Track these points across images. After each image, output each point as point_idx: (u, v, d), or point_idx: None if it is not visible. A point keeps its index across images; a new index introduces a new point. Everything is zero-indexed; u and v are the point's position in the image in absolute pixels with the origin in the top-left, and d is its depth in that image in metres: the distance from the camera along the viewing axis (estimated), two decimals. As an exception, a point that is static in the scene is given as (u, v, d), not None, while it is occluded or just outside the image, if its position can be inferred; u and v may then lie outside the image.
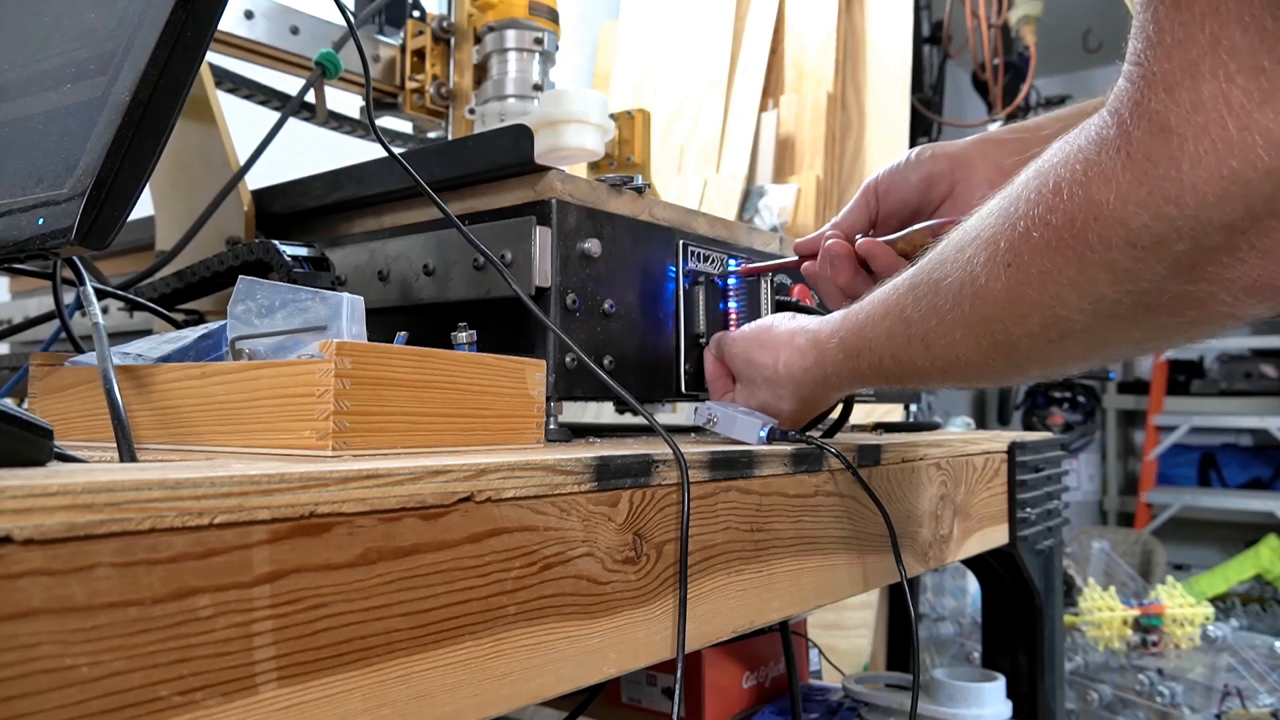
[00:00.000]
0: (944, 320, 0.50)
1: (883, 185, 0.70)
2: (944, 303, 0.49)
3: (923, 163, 0.69)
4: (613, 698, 0.98)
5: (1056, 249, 0.41)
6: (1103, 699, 1.65)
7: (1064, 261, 0.41)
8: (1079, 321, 0.43)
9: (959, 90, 3.36)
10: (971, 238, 0.47)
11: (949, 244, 0.50)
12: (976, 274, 0.46)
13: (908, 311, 0.53)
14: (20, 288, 1.21)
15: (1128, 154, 0.37)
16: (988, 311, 0.46)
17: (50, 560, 0.26)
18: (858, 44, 2.22)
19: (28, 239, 0.43)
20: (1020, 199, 0.43)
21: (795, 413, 0.66)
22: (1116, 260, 0.39)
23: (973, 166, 0.68)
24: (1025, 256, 0.43)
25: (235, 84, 1.04)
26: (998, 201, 0.46)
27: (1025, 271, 0.43)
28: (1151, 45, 0.36)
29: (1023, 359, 0.48)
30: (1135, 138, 0.36)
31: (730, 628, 0.54)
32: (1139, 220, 0.37)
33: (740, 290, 0.76)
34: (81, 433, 0.54)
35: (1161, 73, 0.35)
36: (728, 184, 2.07)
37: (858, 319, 0.58)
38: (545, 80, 1.13)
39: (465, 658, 0.38)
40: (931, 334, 0.51)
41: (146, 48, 0.44)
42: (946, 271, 0.49)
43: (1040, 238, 0.41)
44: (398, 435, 0.46)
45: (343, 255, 0.77)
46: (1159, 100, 0.35)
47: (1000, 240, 0.44)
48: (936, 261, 0.50)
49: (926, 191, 0.68)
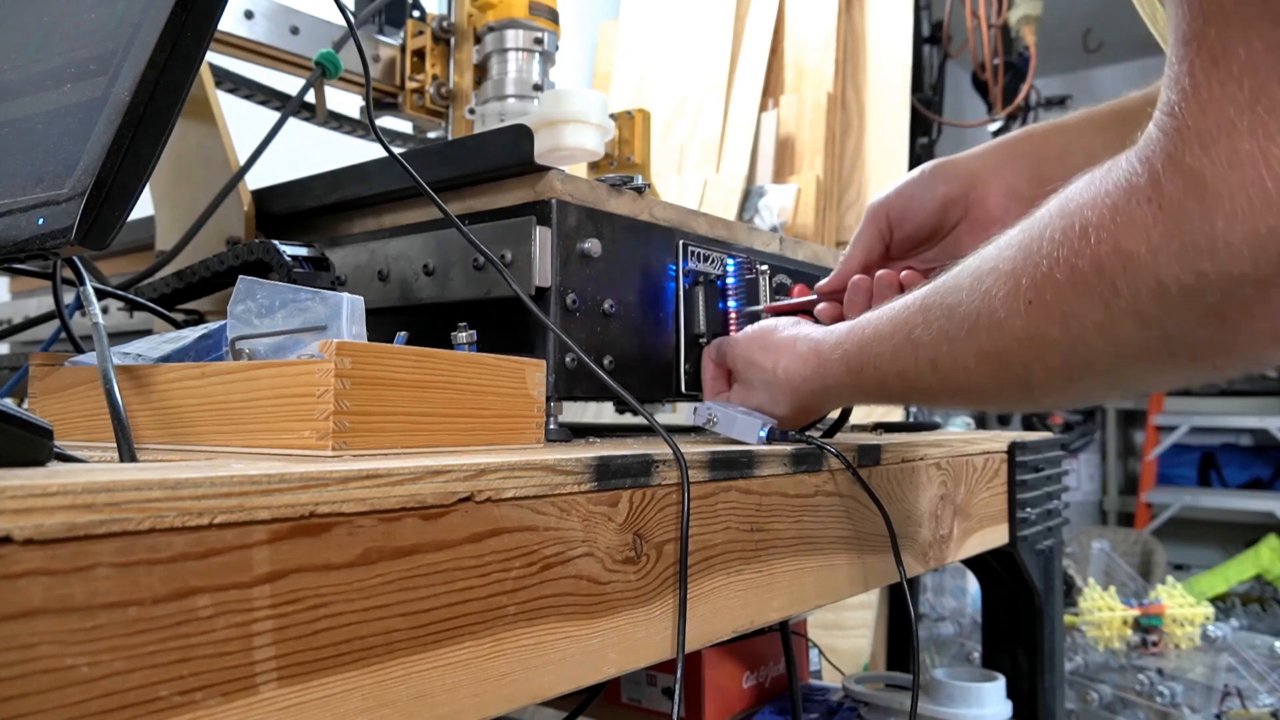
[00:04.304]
0: (956, 346, 0.49)
1: (894, 211, 0.69)
2: (957, 329, 0.49)
3: (935, 184, 0.68)
4: (613, 698, 0.98)
5: (1082, 293, 0.41)
6: (1103, 699, 1.65)
7: (1089, 306, 0.41)
8: (1101, 362, 0.43)
9: (959, 90, 3.36)
10: (990, 267, 0.46)
11: (965, 269, 0.49)
12: (995, 307, 0.45)
13: (917, 332, 0.52)
14: (20, 288, 1.21)
15: (1160, 206, 0.36)
16: (1005, 346, 0.46)
17: (50, 560, 0.26)
18: (858, 44, 2.22)
19: (28, 239, 0.43)
20: (1044, 237, 0.42)
21: (790, 418, 0.65)
22: (1145, 308, 0.39)
23: (987, 187, 0.67)
24: (1048, 296, 0.42)
25: (235, 84, 1.04)
26: (1018, 234, 0.45)
27: (1048, 311, 0.43)
28: (1187, 98, 0.35)
29: (1039, 391, 0.48)
30: (1168, 191, 0.36)
31: (730, 628, 0.54)
32: (1170, 272, 0.37)
33: (740, 290, 0.76)
34: (81, 433, 0.54)
35: (1197, 128, 0.35)
36: (728, 184, 2.07)
37: (864, 333, 0.57)
38: (545, 80, 1.13)
39: (465, 658, 0.38)
40: (942, 358, 0.50)
41: (146, 48, 0.44)
42: (962, 298, 0.48)
43: (1065, 280, 0.41)
44: (398, 435, 0.46)
45: (343, 255, 0.77)
46: (1194, 155, 0.35)
47: (1022, 277, 0.44)
48: (951, 286, 0.50)
49: (943, 215, 0.68)
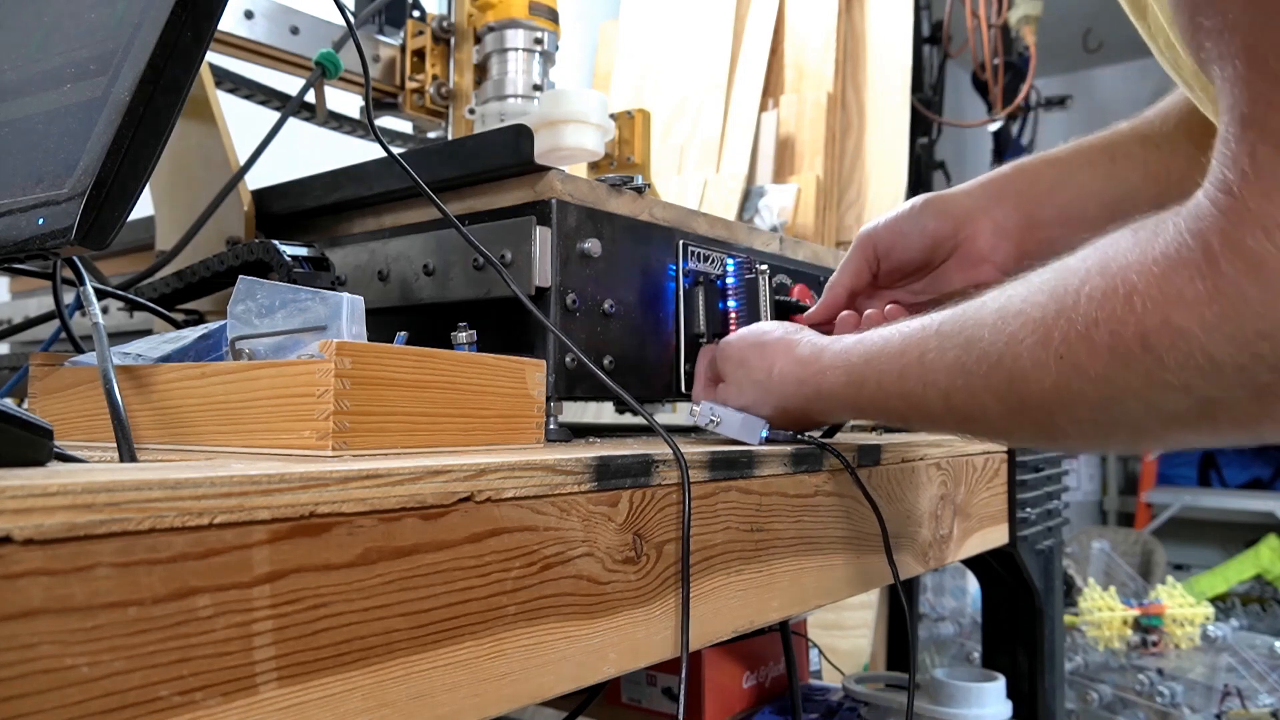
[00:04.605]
0: (973, 382, 0.47)
1: (882, 244, 0.69)
2: (976, 365, 0.47)
3: (925, 220, 0.68)
4: (613, 698, 0.98)
5: (1123, 360, 0.39)
6: (1103, 699, 1.65)
7: (1130, 373, 0.39)
8: (1135, 422, 0.42)
9: (959, 90, 3.36)
10: (1016, 310, 0.45)
11: (987, 304, 0.47)
12: (1020, 355, 0.44)
13: (930, 357, 0.50)
14: (20, 288, 1.21)
15: (1216, 286, 0.36)
16: (1029, 394, 0.44)
17: (50, 560, 0.26)
18: (858, 44, 2.22)
19: (28, 239, 0.43)
20: (1081, 293, 0.41)
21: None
22: (1192, 382, 0.38)
23: (976, 225, 0.67)
24: (1083, 356, 0.41)
25: (235, 84, 1.04)
26: (1050, 280, 0.43)
27: (1081, 371, 0.41)
28: (1248, 181, 0.35)
29: (1061, 438, 0.47)
30: (1226, 273, 0.35)
31: (730, 628, 0.54)
32: (1223, 351, 0.36)
33: (740, 290, 0.76)
34: (81, 433, 0.54)
35: (1260, 212, 0.35)
36: (728, 184, 2.07)
37: (870, 348, 0.56)
38: (545, 80, 1.13)
39: (465, 658, 0.38)
40: (956, 391, 0.49)
41: (146, 48, 0.44)
42: (984, 335, 0.46)
43: (1105, 345, 0.40)
44: (398, 435, 0.46)
45: (343, 255, 0.77)
46: (1256, 240, 0.35)
47: (1054, 331, 0.42)
48: (972, 318, 0.48)
49: (931, 251, 0.68)
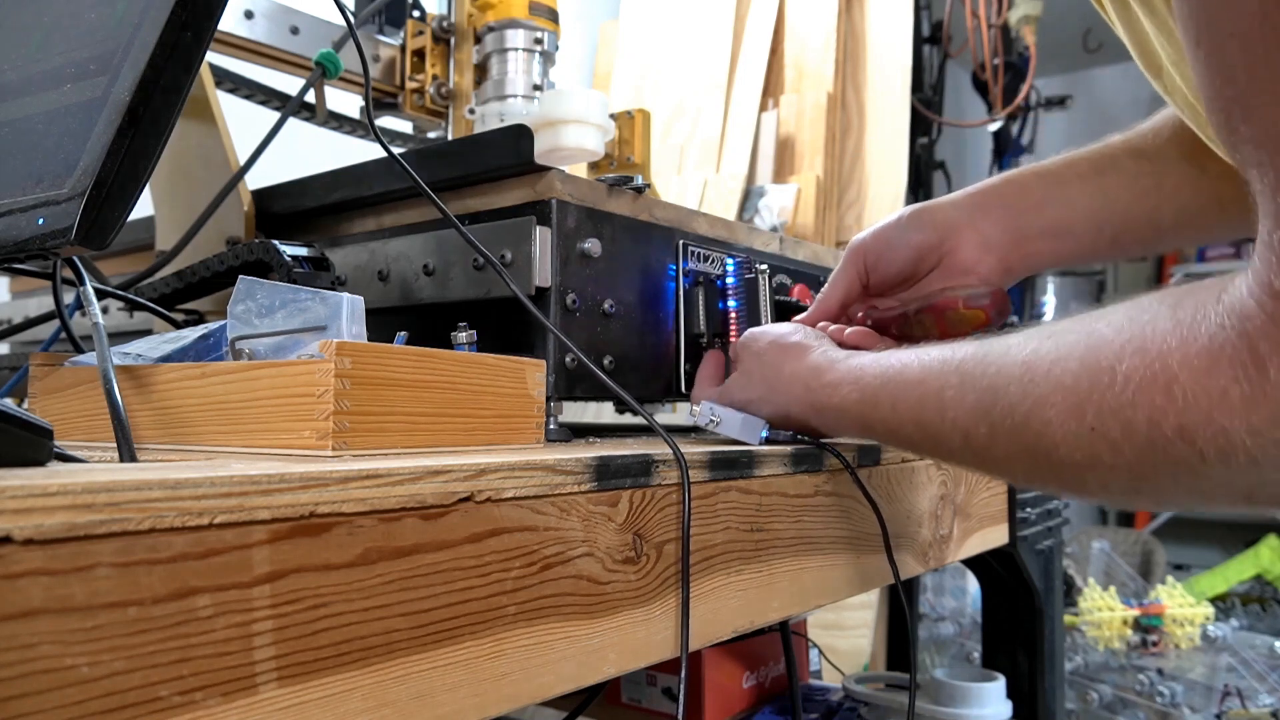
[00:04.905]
0: (997, 431, 0.46)
1: (871, 255, 0.70)
2: (1001, 417, 0.46)
3: (910, 231, 0.70)
4: (613, 698, 0.98)
5: (1162, 449, 0.38)
6: (1103, 699, 1.65)
7: (1168, 460, 0.38)
8: (1169, 495, 0.42)
9: (959, 90, 3.36)
10: (1045, 370, 0.43)
11: (1012, 353, 0.46)
12: (1050, 421, 0.42)
13: (949, 394, 0.49)
14: (20, 288, 1.21)
15: (1263, 391, 0.35)
16: (1058, 460, 0.43)
17: (50, 560, 0.26)
18: (858, 44, 2.22)
19: (28, 239, 0.43)
20: (1117, 371, 0.40)
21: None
22: (1234, 477, 0.37)
23: (961, 237, 0.69)
24: (1118, 436, 0.40)
25: (235, 84, 1.04)
26: (1081, 343, 0.42)
27: (1115, 449, 0.40)
28: None
29: (1088, 496, 0.46)
30: (1274, 379, 0.35)
31: (730, 628, 0.54)
32: (1269, 455, 0.36)
33: (740, 290, 0.76)
34: (81, 433, 0.54)
35: None
36: (728, 184, 2.07)
37: (886, 369, 0.55)
38: (545, 80, 1.13)
39: (465, 658, 0.38)
40: (977, 435, 0.48)
41: (146, 48, 0.44)
42: (1009, 388, 0.45)
43: (1142, 430, 0.39)
44: (398, 435, 0.46)
45: (343, 255, 0.77)
46: None
47: (1088, 405, 0.41)
48: (996, 364, 0.47)
49: (917, 263, 0.70)
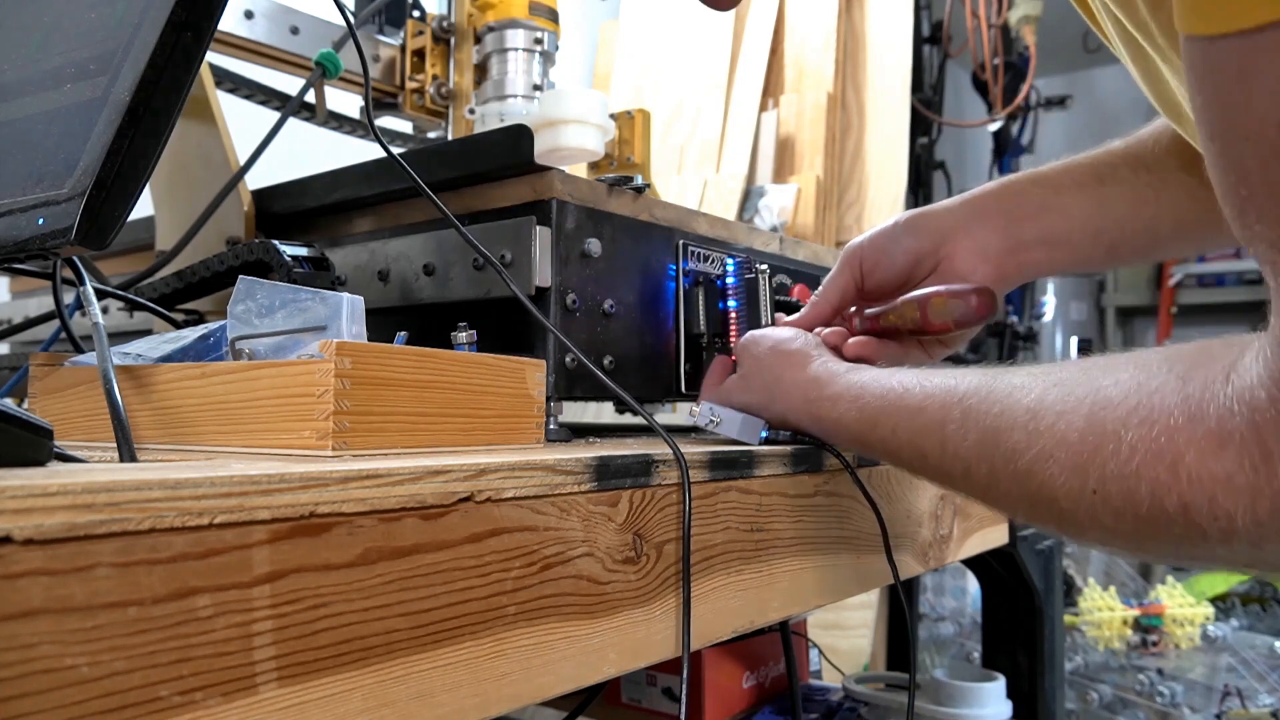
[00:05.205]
0: (999, 474, 0.46)
1: (868, 260, 0.70)
2: (1003, 463, 0.45)
3: (905, 238, 0.69)
4: (613, 698, 0.98)
5: (1164, 522, 0.39)
6: (1103, 699, 1.65)
7: (1169, 531, 0.39)
8: (1171, 555, 0.41)
9: (959, 90, 3.36)
10: (1049, 423, 0.43)
11: (1016, 397, 0.46)
12: (1054, 475, 0.42)
13: (951, 429, 0.49)
14: (20, 288, 1.21)
15: (1269, 484, 0.35)
16: (1062, 512, 0.43)
17: (50, 560, 0.26)
18: (858, 44, 2.22)
19: (28, 239, 0.43)
20: (1122, 439, 0.39)
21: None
22: (1234, 553, 0.38)
23: (956, 244, 0.68)
24: (1121, 502, 0.40)
25: (235, 84, 1.04)
26: (1088, 398, 0.42)
27: (1117, 513, 0.40)
28: None
29: (1081, 543, 0.46)
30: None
31: (730, 628, 0.54)
32: (1270, 542, 0.36)
33: (740, 290, 0.76)
34: (81, 433, 0.54)
35: None
36: (728, 184, 2.07)
37: (886, 391, 0.54)
38: (545, 80, 1.13)
39: (465, 658, 0.38)
40: (978, 473, 0.47)
41: (146, 48, 0.44)
42: (1011, 430, 0.45)
43: (1145, 500, 0.39)
44: (398, 435, 0.46)
45: (343, 255, 0.77)
46: None
47: (1091, 467, 0.41)
48: (1000, 403, 0.46)
49: (912, 269, 0.69)
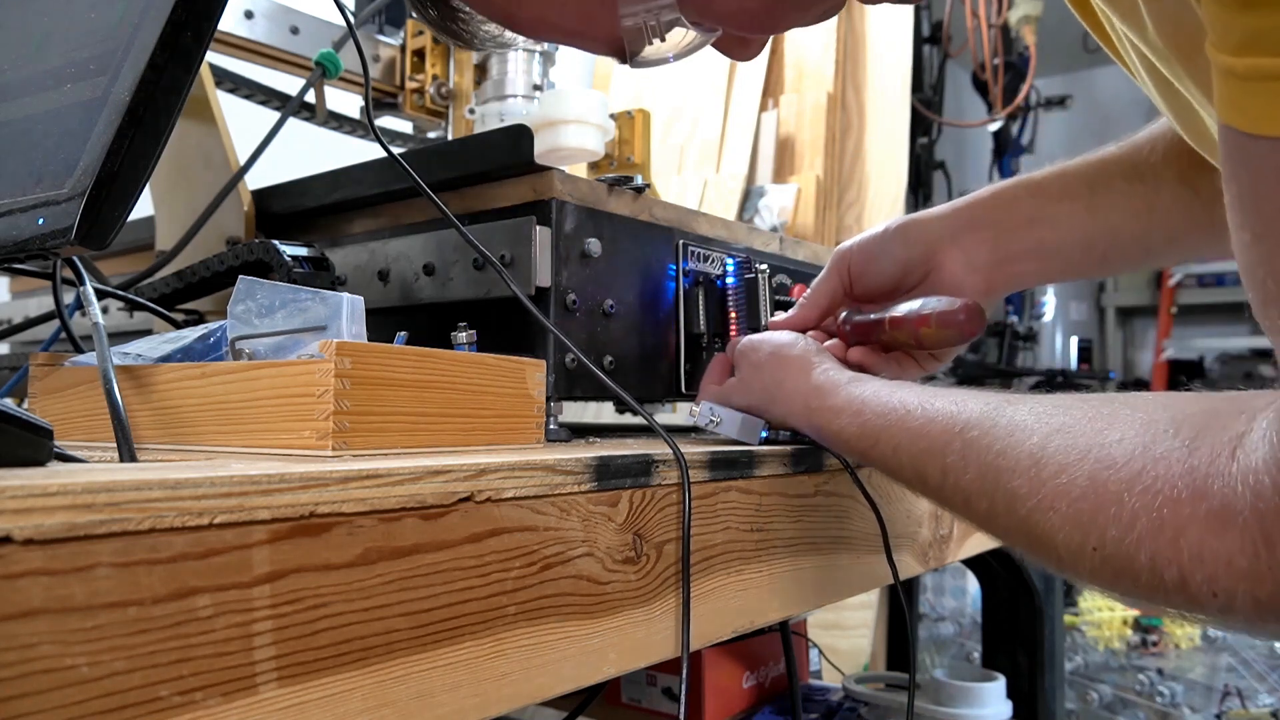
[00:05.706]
0: (996, 509, 0.46)
1: (856, 266, 0.69)
2: (1000, 499, 0.45)
3: (894, 246, 0.68)
4: (612, 698, 0.98)
5: (1163, 589, 0.39)
6: (1103, 699, 1.65)
7: (1167, 596, 0.39)
8: (1166, 615, 0.42)
9: (959, 90, 3.36)
10: (1052, 473, 0.43)
11: (1018, 438, 0.45)
12: (1055, 528, 0.42)
13: (950, 459, 0.48)
14: (20, 288, 1.21)
15: (1270, 571, 0.35)
16: (1056, 559, 0.43)
17: (50, 560, 0.26)
18: (858, 44, 2.22)
19: (28, 239, 0.43)
20: (1125, 503, 0.39)
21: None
22: (1230, 624, 0.38)
23: (945, 255, 0.67)
24: (1120, 563, 0.40)
25: (235, 84, 1.04)
26: (1092, 444, 0.42)
27: (1116, 575, 0.40)
28: None
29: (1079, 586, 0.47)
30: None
31: (730, 628, 0.54)
32: (1268, 622, 0.36)
33: (740, 290, 0.76)
34: (81, 433, 0.54)
35: None
36: (728, 184, 2.07)
37: (887, 409, 0.54)
38: (545, 80, 1.13)
39: (465, 658, 0.38)
40: (975, 503, 0.47)
41: (146, 48, 0.44)
42: (1012, 473, 0.45)
43: (1145, 565, 0.39)
44: (398, 435, 0.46)
45: (343, 255, 0.77)
46: None
47: (1090, 527, 0.41)
48: (1002, 440, 0.46)
49: (901, 277, 0.69)
